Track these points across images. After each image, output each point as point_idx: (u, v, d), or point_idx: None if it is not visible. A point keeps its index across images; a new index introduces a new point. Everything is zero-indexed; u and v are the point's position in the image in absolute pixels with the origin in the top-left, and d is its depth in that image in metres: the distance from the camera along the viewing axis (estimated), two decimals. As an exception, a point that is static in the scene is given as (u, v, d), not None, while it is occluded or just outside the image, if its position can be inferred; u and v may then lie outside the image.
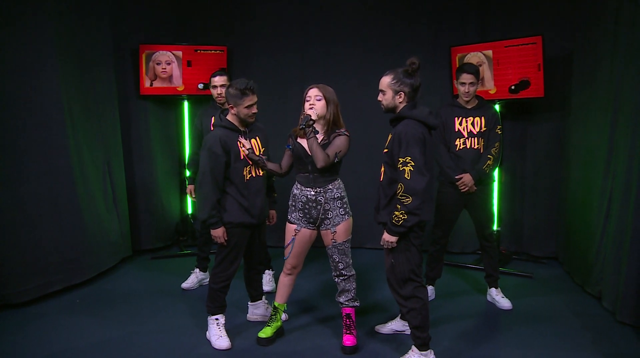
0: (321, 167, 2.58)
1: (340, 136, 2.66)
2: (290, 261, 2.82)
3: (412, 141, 2.33)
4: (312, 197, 2.70)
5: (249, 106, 2.68)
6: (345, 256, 2.75)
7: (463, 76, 3.24)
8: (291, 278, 2.88)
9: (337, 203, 2.70)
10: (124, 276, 4.00)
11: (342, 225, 2.71)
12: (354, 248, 4.77)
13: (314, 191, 2.69)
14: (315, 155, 2.58)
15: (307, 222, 2.76)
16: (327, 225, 2.72)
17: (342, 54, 4.70)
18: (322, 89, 2.65)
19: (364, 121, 4.53)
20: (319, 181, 2.69)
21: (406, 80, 2.43)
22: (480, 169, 3.25)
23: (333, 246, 2.73)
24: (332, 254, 2.75)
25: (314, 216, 2.72)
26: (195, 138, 3.75)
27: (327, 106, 2.64)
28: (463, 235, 4.58)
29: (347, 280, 2.77)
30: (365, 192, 4.55)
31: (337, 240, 2.71)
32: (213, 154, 2.63)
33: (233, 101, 2.68)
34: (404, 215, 2.34)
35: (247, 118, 2.71)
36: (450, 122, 3.32)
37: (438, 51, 4.51)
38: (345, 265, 2.75)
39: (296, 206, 2.77)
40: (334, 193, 2.70)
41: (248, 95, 2.65)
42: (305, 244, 2.80)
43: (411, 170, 2.30)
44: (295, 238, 2.78)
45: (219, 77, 3.59)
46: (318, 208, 2.70)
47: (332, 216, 2.70)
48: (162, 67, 4.49)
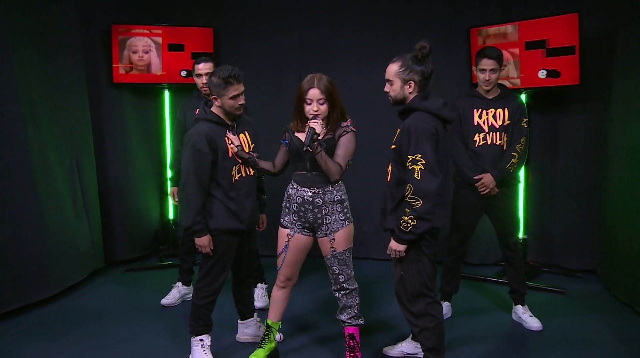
0: (335, 179, 2.65)
1: (347, 134, 2.68)
2: (283, 271, 2.83)
3: (423, 136, 2.33)
4: (308, 198, 2.71)
5: (234, 97, 2.68)
6: (346, 268, 2.75)
7: (483, 61, 3.24)
8: (285, 292, 2.88)
9: (336, 206, 2.71)
10: (94, 291, 3.99)
11: (342, 231, 2.72)
12: (358, 258, 4.74)
13: (311, 191, 2.71)
14: (329, 171, 2.63)
15: (302, 227, 2.77)
16: (324, 231, 2.73)
17: (345, 37, 4.71)
18: (324, 88, 2.63)
19: (370, 114, 4.54)
20: (317, 181, 2.70)
21: (416, 67, 2.43)
22: (503, 168, 3.25)
23: (332, 255, 2.73)
24: (331, 265, 2.75)
25: (310, 220, 2.73)
26: (178, 133, 3.76)
27: (332, 106, 2.66)
28: (483, 243, 4.59)
29: (349, 295, 2.77)
30: (370, 194, 4.55)
31: (336, 248, 2.72)
32: (198, 152, 2.63)
33: (216, 91, 2.68)
34: (413, 220, 2.34)
35: (233, 110, 2.71)
36: (468, 115, 3.32)
37: (455, 33, 4.52)
38: (346, 278, 2.76)
39: (290, 208, 2.78)
40: (334, 195, 2.71)
41: (232, 84, 2.65)
42: (300, 252, 2.81)
43: (422, 169, 2.31)
44: (288, 244, 2.79)
45: (204, 64, 3.60)
46: (315, 211, 2.71)
47: (330, 221, 2.71)
48: (138, 55, 4.50)
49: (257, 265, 3.72)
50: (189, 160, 2.65)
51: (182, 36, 4.55)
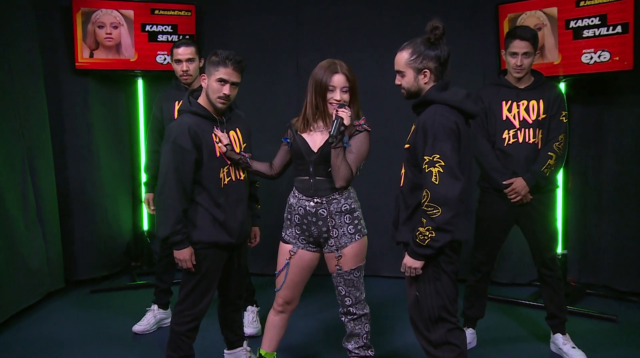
0: (341, 186, 2.66)
1: (359, 134, 2.71)
2: (282, 293, 2.84)
3: (441, 133, 2.32)
4: (311, 209, 2.73)
5: (222, 81, 2.69)
6: (355, 289, 2.76)
7: (515, 43, 3.23)
8: (283, 318, 2.89)
9: (344, 218, 2.72)
10: (50, 317, 3.97)
11: (351, 247, 2.72)
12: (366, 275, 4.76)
13: (314, 202, 2.72)
14: (338, 172, 2.63)
15: (306, 242, 2.79)
16: (330, 247, 2.74)
17: (350, 16, 4.73)
18: (349, 74, 2.69)
19: (379, 108, 4.56)
20: (321, 189, 2.71)
21: (429, 52, 2.43)
22: (537, 171, 3.25)
23: (338, 275, 2.74)
24: (337, 285, 2.77)
25: (314, 234, 2.75)
26: (153, 130, 3.78)
27: (353, 98, 2.71)
28: (514, 260, 4.60)
29: (357, 321, 2.78)
30: (380, 202, 4.56)
31: (342, 266, 2.73)
32: (179, 149, 2.64)
33: (208, 69, 2.72)
34: (431, 232, 2.34)
35: (214, 98, 2.72)
36: (495, 108, 3.33)
37: (480, 11, 4.54)
38: (353, 301, 2.76)
39: (292, 220, 2.80)
40: (341, 204, 2.72)
41: (227, 66, 2.68)
42: (303, 271, 2.82)
43: (440, 172, 2.31)
44: (289, 262, 2.80)
45: (185, 49, 3.61)
46: (319, 224, 2.72)
47: (337, 235, 2.72)
48: (105, 31, 4.53)
49: (247, 285, 3.73)
50: (169, 158, 2.65)
51: (158, 15, 4.58)
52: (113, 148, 4.86)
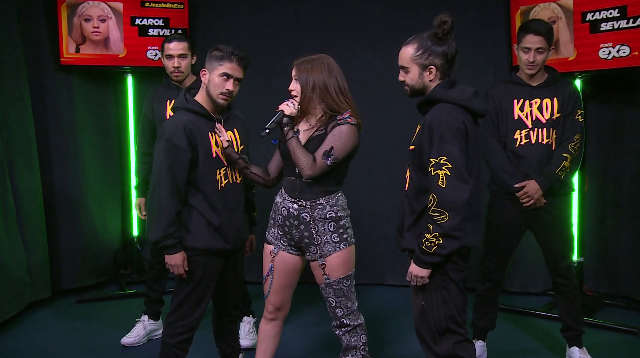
0: (309, 177, 2.63)
1: (341, 126, 2.66)
2: (271, 299, 2.84)
3: (448, 133, 2.33)
4: (293, 212, 2.72)
5: (225, 76, 2.71)
6: (346, 299, 2.74)
7: (528, 38, 3.24)
8: (276, 326, 2.89)
9: (328, 225, 2.70)
10: (33, 329, 3.97)
11: (336, 256, 2.70)
12: (369, 284, 4.77)
13: (297, 204, 2.72)
14: (297, 161, 2.63)
15: (287, 244, 2.80)
16: (313, 254, 2.74)
17: (352, 9, 4.75)
18: (299, 67, 2.72)
19: (382, 107, 4.57)
20: (306, 192, 2.71)
21: (436, 48, 2.43)
22: (551, 173, 3.26)
23: (326, 285, 2.73)
24: (326, 296, 2.75)
25: (295, 238, 2.75)
26: (144, 131, 3.80)
27: (303, 91, 2.70)
28: (527, 268, 4.60)
29: (352, 333, 2.76)
30: (384, 207, 4.57)
31: (330, 275, 2.72)
32: (173, 147, 2.65)
33: (209, 63, 2.73)
34: (437, 238, 2.34)
35: (216, 95, 2.73)
36: (506, 107, 3.33)
37: (490, 3, 4.54)
38: (345, 312, 2.74)
39: (275, 219, 2.81)
40: (326, 211, 2.70)
41: (231, 61, 2.70)
42: (288, 274, 2.82)
43: (447, 175, 2.31)
44: (273, 265, 2.81)
45: (177, 44, 3.62)
46: (301, 228, 2.72)
47: (320, 242, 2.71)
48: (93, 25, 4.53)
49: (244, 294, 3.73)
50: (163, 157, 2.66)
51: (149, 9, 4.59)
52: (101, 150, 4.86)
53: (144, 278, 4.41)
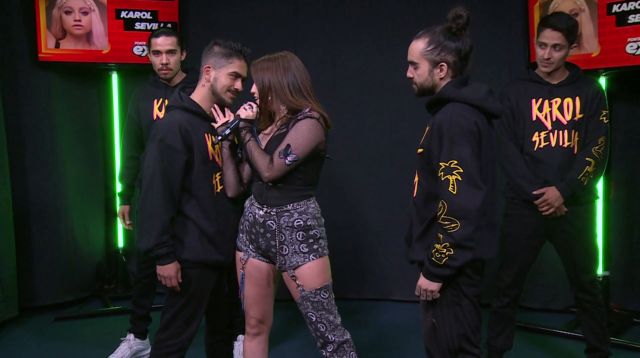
0: (268, 179, 2.66)
1: (300, 121, 2.68)
2: (252, 312, 2.85)
3: (459, 135, 2.33)
4: (259, 219, 2.74)
5: (235, 75, 2.74)
6: (326, 312, 2.72)
7: (545, 32, 3.24)
8: (261, 342, 2.89)
9: (296, 235, 2.70)
10: (5, 351, 3.93)
11: (307, 267, 2.70)
12: (375, 300, 4.78)
13: (263, 211, 2.73)
14: (255, 164, 2.67)
15: (255, 252, 2.81)
16: (282, 265, 2.74)
17: (356, 2, 4.75)
18: (254, 67, 2.75)
19: (387, 107, 4.58)
20: (272, 197, 2.72)
21: (449, 44, 2.43)
22: (573, 179, 3.26)
23: (303, 298, 2.72)
24: (305, 311, 2.73)
25: (263, 247, 2.76)
26: (129, 133, 3.81)
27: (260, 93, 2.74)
28: (547, 282, 4.59)
29: (340, 352, 2.74)
30: (390, 214, 4.57)
31: (304, 287, 2.71)
32: (167, 148, 2.65)
33: (214, 60, 2.75)
34: (448, 249, 2.33)
35: (223, 95, 2.76)
36: (524, 107, 3.34)
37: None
38: (329, 327, 2.72)
39: (244, 225, 2.83)
40: (294, 219, 2.70)
41: (241, 59, 2.74)
42: (262, 282, 2.82)
43: (458, 180, 2.31)
44: (244, 273, 2.81)
45: (164, 39, 3.64)
46: (267, 236, 2.73)
47: (287, 252, 2.72)
48: (74, 18, 4.51)
49: (239, 311, 3.71)
50: (156, 159, 2.65)
51: (135, 1, 4.58)
52: (82, 153, 4.86)
53: (129, 293, 4.43)
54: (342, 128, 4.12)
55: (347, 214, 4.68)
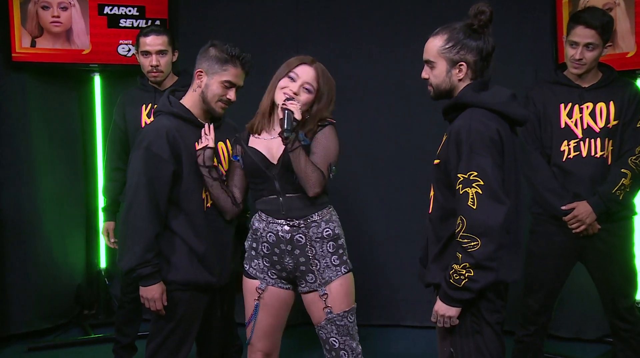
0: (314, 194, 2.67)
1: (325, 129, 2.76)
2: (259, 345, 2.84)
3: (479, 144, 2.32)
4: (284, 235, 2.73)
5: (228, 84, 2.75)
6: (350, 339, 2.75)
7: (577, 30, 3.23)
8: None
9: (327, 245, 2.73)
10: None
11: (339, 283, 2.74)
12: (386, 326, 4.78)
13: (288, 225, 2.72)
14: (307, 178, 2.65)
15: (277, 276, 2.80)
16: (310, 284, 2.74)
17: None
18: (322, 76, 2.76)
19: (399, 111, 4.60)
20: (295, 208, 2.73)
21: (470, 42, 2.44)
22: (607, 193, 3.25)
23: (327, 321, 2.73)
24: (328, 336, 2.75)
25: (289, 267, 2.75)
26: (114, 142, 3.84)
27: (316, 103, 2.76)
28: (578, 308, 4.57)
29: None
30: (404, 232, 4.58)
31: (332, 309, 2.72)
32: (154, 157, 2.67)
33: (207, 65, 2.76)
34: (468, 270, 2.31)
35: (213, 104, 2.77)
36: (551, 113, 3.34)
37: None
38: (351, 354, 2.76)
39: (259, 250, 2.80)
40: (322, 228, 2.73)
41: (237, 66, 2.75)
42: (279, 312, 2.84)
43: (479, 193, 2.29)
44: (259, 303, 2.80)
45: (154, 38, 3.68)
46: (296, 253, 2.73)
47: (319, 267, 2.72)
48: (52, 13, 4.52)
49: (233, 338, 3.71)
50: (140, 169, 2.67)
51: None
52: (61, 164, 4.87)
53: (112, 319, 4.43)
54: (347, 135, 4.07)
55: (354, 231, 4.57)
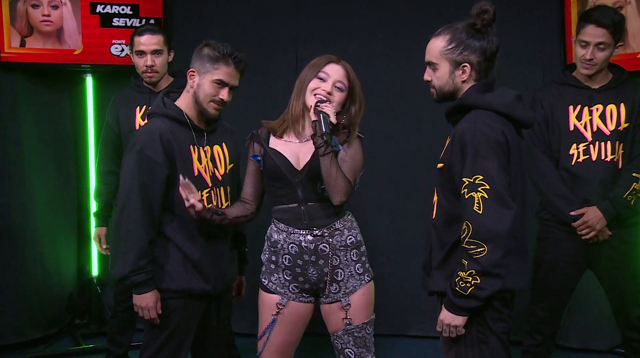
0: (340, 203, 2.67)
1: (355, 141, 2.81)
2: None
3: (484, 146, 2.33)
4: (308, 245, 2.74)
5: (219, 83, 2.75)
6: (367, 351, 2.76)
7: (588, 29, 3.24)
8: None
9: (351, 253, 2.75)
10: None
11: (362, 293, 2.75)
12: (389, 336, 4.79)
13: (312, 235, 2.73)
14: (335, 184, 2.66)
15: (298, 290, 2.80)
16: (334, 294, 2.74)
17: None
18: (351, 72, 2.78)
19: (401, 114, 4.61)
20: (317, 217, 2.74)
21: (473, 42, 2.45)
22: (618, 198, 3.26)
23: (345, 332, 2.73)
24: (343, 347, 2.76)
25: (313, 279, 2.76)
26: (107, 145, 3.86)
27: (352, 104, 2.78)
28: (587, 317, 4.57)
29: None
30: (407, 238, 4.59)
31: (352, 320, 2.71)
32: (147, 160, 2.67)
33: (200, 64, 2.76)
34: (474, 278, 2.32)
35: (205, 104, 2.77)
36: (560, 115, 3.35)
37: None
38: None
39: (279, 263, 2.80)
40: (345, 236, 2.75)
41: (229, 65, 2.75)
42: (298, 328, 2.86)
43: (484, 197, 2.30)
44: (277, 318, 2.79)
45: (149, 37, 3.69)
46: (320, 263, 2.73)
47: (343, 277, 2.73)
48: (42, 12, 4.51)
49: (230, 348, 3.71)
50: (133, 172, 2.68)
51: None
52: (52, 168, 4.86)
53: (104, 329, 4.42)
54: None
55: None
